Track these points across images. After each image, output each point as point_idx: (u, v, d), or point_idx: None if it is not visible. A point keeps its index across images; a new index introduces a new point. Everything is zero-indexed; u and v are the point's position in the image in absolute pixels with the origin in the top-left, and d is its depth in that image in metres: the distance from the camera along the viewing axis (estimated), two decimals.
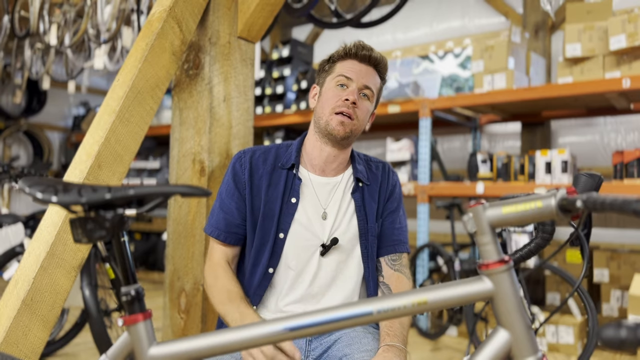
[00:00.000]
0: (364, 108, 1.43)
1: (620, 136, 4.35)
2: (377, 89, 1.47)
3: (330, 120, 1.40)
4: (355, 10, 2.58)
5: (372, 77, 1.44)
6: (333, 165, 1.47)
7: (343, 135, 1.40)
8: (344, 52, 1.45)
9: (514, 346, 0.85)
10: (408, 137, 4.14)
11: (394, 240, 1.49)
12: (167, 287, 1.98)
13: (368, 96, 1.43)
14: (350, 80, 1.41)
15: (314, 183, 1.46)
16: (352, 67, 1.42)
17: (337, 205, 1.44)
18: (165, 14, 1.77)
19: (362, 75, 1.42)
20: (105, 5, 3.48)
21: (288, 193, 1.43)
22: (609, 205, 0.72)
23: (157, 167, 5.92)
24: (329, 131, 1.40)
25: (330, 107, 1.40)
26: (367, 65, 1.44)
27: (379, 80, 1.47)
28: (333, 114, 1.39)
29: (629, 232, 4.26)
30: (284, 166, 1.45)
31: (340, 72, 1.42)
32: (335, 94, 1.41)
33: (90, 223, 0.88)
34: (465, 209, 0.89)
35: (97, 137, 1.63)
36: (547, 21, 4.59)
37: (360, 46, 1.44)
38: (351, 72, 1.41)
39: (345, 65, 1.43)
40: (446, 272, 3.82)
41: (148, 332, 0.93)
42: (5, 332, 1.44)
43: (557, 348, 3.30)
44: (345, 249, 1.43)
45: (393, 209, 1.52)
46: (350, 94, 1.39)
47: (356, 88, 1.41)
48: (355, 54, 1.43)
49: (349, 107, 1.39)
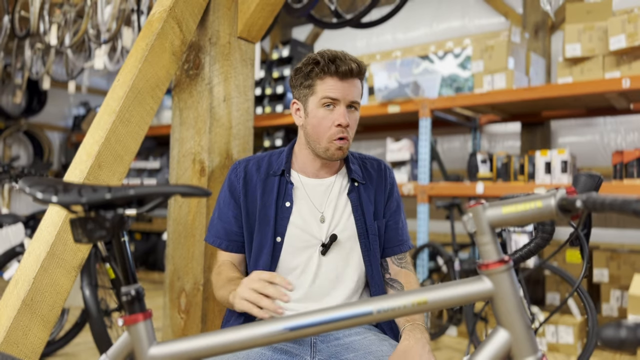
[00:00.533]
0: (355, 120, 1.42)
1: (620, 136, 4.35)
2: (361, 93, 1.44)
3: (330, 147, 1.40)
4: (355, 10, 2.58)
5: (356, 88, 1.40)
6: (325, 170, 1.49)
7: (342, 156, 1.43)
8: (321, 70, 1.38)
9: (514, 346, 0.85)
10: (408, 137, 4.14)
11: (399, 240, 1.52)
12: (167, 287, 1.98)
13: (355, 107, 1.42)
14: (337, 101, 1.38)
15: (307, 186, 1.47)
16: (335, 87, 1.37)
17: (334, 206, 1.45)
18: (166, 14, 1.77)
19: (347, 91, 1.38)
20: (105, 6, 3.48)
21: (282, 198, 1.44)
22: (608, 205, 0.72)
23: (157, 167, 5.92)
24: (328, 156, 1.42)
25: (326, 134, 1.39)
26: (349, 79, 1.38)
27: (360, 85, 1.43)
28: (332, 141, 1.39)
29: (629, 232, 4.26)
30: (275, 173, 1.47)
31: (324, 94, 1.38)
32: (326, 119, 1.38)
33: (91, 223, 0.88)
34: (465, 209, 0.89)
35: (97, 137, 1.63)
36: (547, 21, 4.59)
37: (339, 60, 1.37)
38: (335, 92, 1.37)
39: (327, 84, 1.38)
40: (446, 272, 3.82)
41: (148, 332, 0.93)
42: (5, 332, 1.44)
43: (557, 348, 3.30)
44: (344, 248, 1.43)
45: (394, 209, 1.53)
46: (341, 117, 1.37)
47: (344, 107, 1.38)
48: (336, 71, 1.36)
49: (344, 132, 1.38)
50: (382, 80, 4.27)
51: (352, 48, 5.77)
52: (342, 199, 1.47)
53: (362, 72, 1.42)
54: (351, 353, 1.31)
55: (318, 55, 1.40)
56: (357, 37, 5.82)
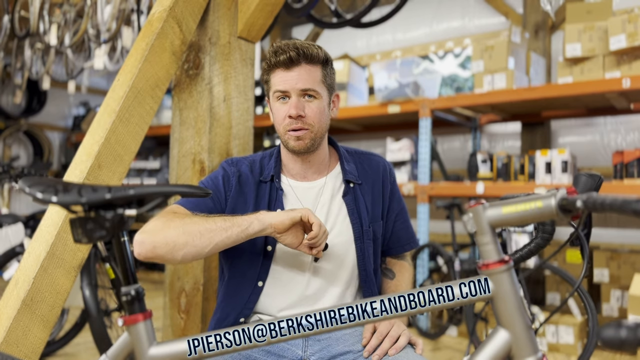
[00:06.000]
0: (314, 109, 1.36)
1: (620, 136, 4.35)
2: (320, 80, 1.37)
3: (288, 140, 1.37)
4: (355, 10, 2.58)
5: (307, 75, 1.34)
6: (312, 170, 1.45)
7: (305, 148, 1.37)
8: (267, 63, 1.36)
9: (514, 346, 0.85)
10: (408, 137, 4.14)
11: (408, 239, 1.53)
12: (167, 287, 1.98)
13: (314, 96, 1.36)
14: (287, 92, 1.35)
15: (297, 190, 1.43)
16: (283, 78, 1.34)
17: (326, 209, 1.41)
18: (165, 14, 1.77)
19: (295, 81, 1.33)
20: (105, 5, 3.48)
21: (273, 205, 1.41)
22: (609, 205, 0.72)
23: (157, 167, 5.92)
24: (291, 148, 1.39)
25: (281, 126, 1.37)
26: (295, 67, 1.34)
27: (318, 71, 1.36)
28: (287, 132, 1.37)
29: (629, 232, 4.26)
30: (265, 179, 1.43)
31: (275, 88, 1.36)
32: (280, 111, 1.37)
33: (91, 223, 0.88)
34: (465, 209, 0.89)
35: (97, 137, 1.63)
36: (547, 21, 4.59)
37: (280, 51, 1.34)
38: (283, 84, 1.34)
39: (276, 77, 1.36)
40: (446, 272, 3.82)
41: (148, 332, 0.93)
42: (5, 332, 1.44)
43: (557, 348, 3.30)
44: (338, 253, 1.39)
45: (400, 209, 1.51)
46: (291, 107, 1.33)
47: (296, 97, 1.34)
48: (277, 62, 1.33)
49: (296, 122, 1.35)
50: (382, 80, 4.26)
51: (352, 48, 5.77)
52: (336, 202, 1.43)
53: (310, 57, 1.34)
54: (341, 344, 1.32)
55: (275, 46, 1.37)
56: (357, 37, 5.82)
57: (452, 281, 0.91)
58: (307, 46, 1.35)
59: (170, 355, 0.92)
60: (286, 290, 1.38)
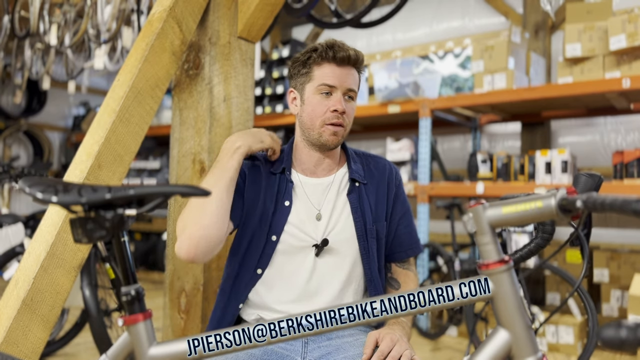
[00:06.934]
0: (351, 110, 1.42)
1: (620, 136, 4.35)
2: (358, 84, 1.45)
3: (323, 133, 1.39)
4: (355, 10, 2.58)
5: (353, 77, 1.41)
6: (323, 166, 1.47)
7: (336, 143, 1.41)
8: (319, 55, 1.39)
9: (514, 346, 0.85)
10: (408, 137, 4.14)
11: (411, 244, 1.52)
12: (167, 287, 1.98)
13: (352, 97, 1.42)
14: (334, 88, 1.38)
15: (305, 185, 1.45)
16: (333, 73, 1.38)
17: (332, 205, 1.43)
18: (165, 14, 1.77)
19: (344, 79, 1.38)
20: (105, 5, 3.48)
21: (282, 196, 1.42)
22: (609, 205, 0.72)
23: (157, 167, 5.92)
24: (322, 142, 1.40)
25: (319, 119, 1.39)
26: (346, 67, 1.39)
27: (358, 77, 1.44)
28: (325, 126, 1.38)
29: (629, 232, 4.26)
30: (275, 171, 1.45)
31: (321, 81, 1.38)
32: (322, 104, 1.38)
33: (91, 223, 0.88)
34: (465, 209, 0.89)
35: (97, 137, 1.63)
36: (547, 21, 4.59)
37: (337, 47, 1.38)
38: (333, 79, 1.37)
39: (324, 71, 1.39)
40: (446, 272, 3.82)
41: (148, 332, 0.93)
42: (5, 332, 1.44)
43: (557, 348, 3.30)
44: (341, 250, 1.40)
45: (404, 212, 1.51)
46: (338, 103, 1.37)
47: (341, 94, 1.39)
48: (334, 57, 1.38)
49: (339, 118, 1.38)
50: (382, 80, 4.27)
51: None
52: (341, 199, 1.44)
53: (360, 62, 1.42)
54: (341, 354, 1.30)
55: (317, 44, 1.41)
56: (357, 37, 5.82)
57: (452, 281, 0.91)
58: (359, 52, 1.43)
59: (170, 355, 0.92)
60: (287, 283, 1.39)
